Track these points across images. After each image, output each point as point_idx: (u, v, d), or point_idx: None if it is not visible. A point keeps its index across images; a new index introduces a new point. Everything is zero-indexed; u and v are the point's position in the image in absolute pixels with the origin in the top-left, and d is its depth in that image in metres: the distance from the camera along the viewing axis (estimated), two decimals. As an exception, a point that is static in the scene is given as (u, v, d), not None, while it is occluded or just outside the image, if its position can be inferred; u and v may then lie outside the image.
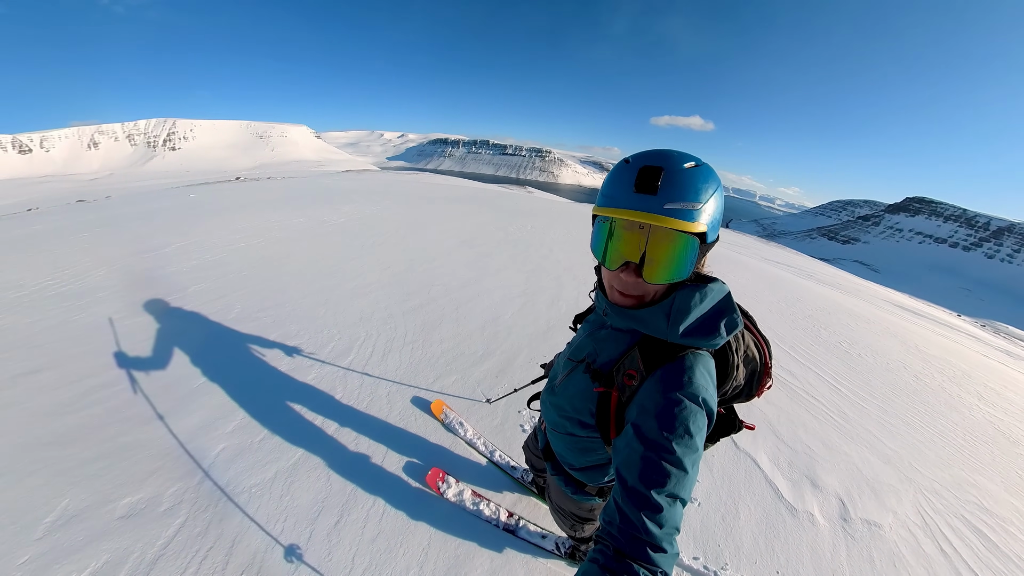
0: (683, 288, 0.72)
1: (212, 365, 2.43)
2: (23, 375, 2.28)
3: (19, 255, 4.20)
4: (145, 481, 1.70)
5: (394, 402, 2.31)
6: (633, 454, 0.64)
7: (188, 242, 4.67)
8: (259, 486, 1.73)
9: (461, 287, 4.07)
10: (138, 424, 1.97)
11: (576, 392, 0.86)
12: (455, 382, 2.57)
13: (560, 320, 3.65)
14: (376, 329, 3.04)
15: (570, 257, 5.66)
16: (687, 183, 0.65)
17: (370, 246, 5.07)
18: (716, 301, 0.72)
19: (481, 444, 2.05)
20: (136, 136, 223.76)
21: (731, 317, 0.71)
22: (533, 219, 8.24)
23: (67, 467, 1.74)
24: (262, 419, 2.06)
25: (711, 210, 0.67)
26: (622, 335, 0.80)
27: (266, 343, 2.71)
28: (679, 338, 0.70)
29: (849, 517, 2.03)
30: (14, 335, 2.70)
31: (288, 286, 3.65)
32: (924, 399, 3.72)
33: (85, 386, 2.20)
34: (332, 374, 2.47)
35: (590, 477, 0.99)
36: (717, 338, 0.70)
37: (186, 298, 3.27)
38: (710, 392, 0.68)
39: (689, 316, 0.70)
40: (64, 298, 3.23)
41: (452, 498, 1.73)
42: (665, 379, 0.69)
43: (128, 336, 2.69)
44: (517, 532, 1.64)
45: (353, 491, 1.76)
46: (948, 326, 9.91)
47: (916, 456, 2.71)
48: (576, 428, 0.89)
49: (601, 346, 0.84)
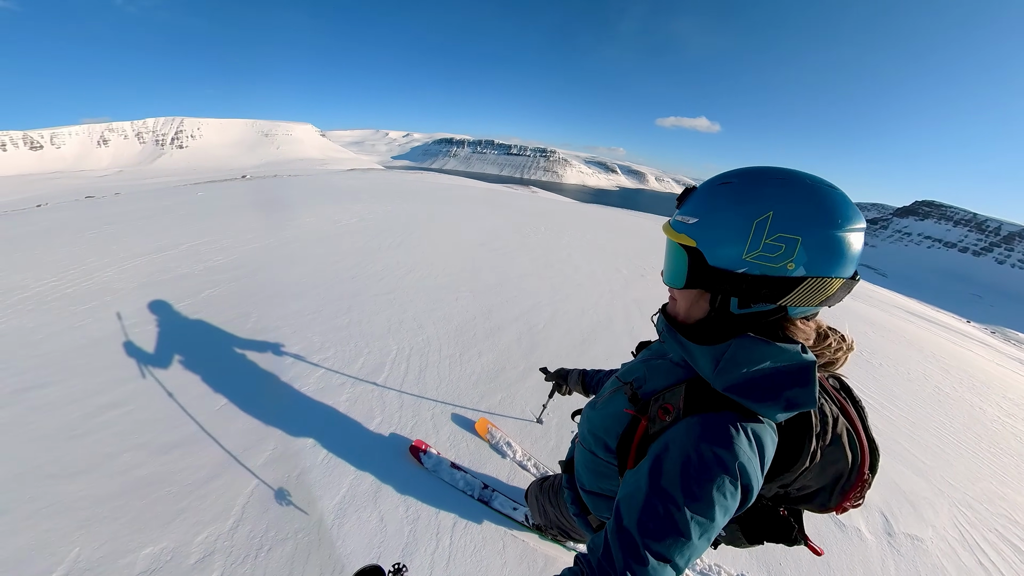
0: (743, 336, 0.64)
1: (234, 384, 2.17)
2: (24, 390, 2.04)
3: (25, 254, 4.00)
4: (168, 526, 1.44)
5: (440, 425, 2.06)
6: (638, 493, 0.59)
7: (198, 242, 4.46)
8: (305, 530, 1.48)
9: (488, 293, 3.84)
10: (154, 453, 1.72)
11: (611, 412, 0.82)
12: (502, 401, 2.32)
13: (592, 331, 3.47)
14: (408, 341, 2.79)
15: (590, 263, 5.56)
16: (699, 198, 0.67)
17: (386, 248, 4.85)
18: (782, 365, 0.61)
19: (532, 466, 1.96)
20: (145, 134, 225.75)
21: (803, 392, 0.59)
22: (544, 220, 8.15)
23: (75, 505, 1.49)
24: (297, 448, 1.80)
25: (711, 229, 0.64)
26: (676, 369, 0.75)
27: (290, 357, 2.46)
28: (722, 389, 0.62)
29: (893, 531, 2.04)
30: (16, 342, 2.47)
31: (306, 291, 3.41)
32: (947, 411, 3.73)
33: (93, 405, 1.96)
34: (367, 393, 2.21)
35: (596, 506, 0.93)
36: (774, 409, 0.59)
37: (199, 305, 3.03)
38: (753, 465, 0.57)
39: (738, 368, 0.62)
40: (70, 301, 3.00)
41: (430, 468, 1.78)
42: (702, 426, 0.61)
43: (138, 348, 2.44)
44: (491, 503, 1.69)
45: (412, 530, 1.53)
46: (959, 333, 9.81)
47: (946, 469, 2.73)
48: (599, 448, 0.84)
49: (652, 374, 0.80)
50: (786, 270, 0.59)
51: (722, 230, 0.62)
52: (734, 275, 0.62)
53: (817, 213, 0.57)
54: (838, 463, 0.67)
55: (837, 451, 0.66)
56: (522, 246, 5.82)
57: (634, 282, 5.07)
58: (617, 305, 4.15)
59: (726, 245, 0.62)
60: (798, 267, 0.58)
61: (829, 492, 0.69)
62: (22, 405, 1.95)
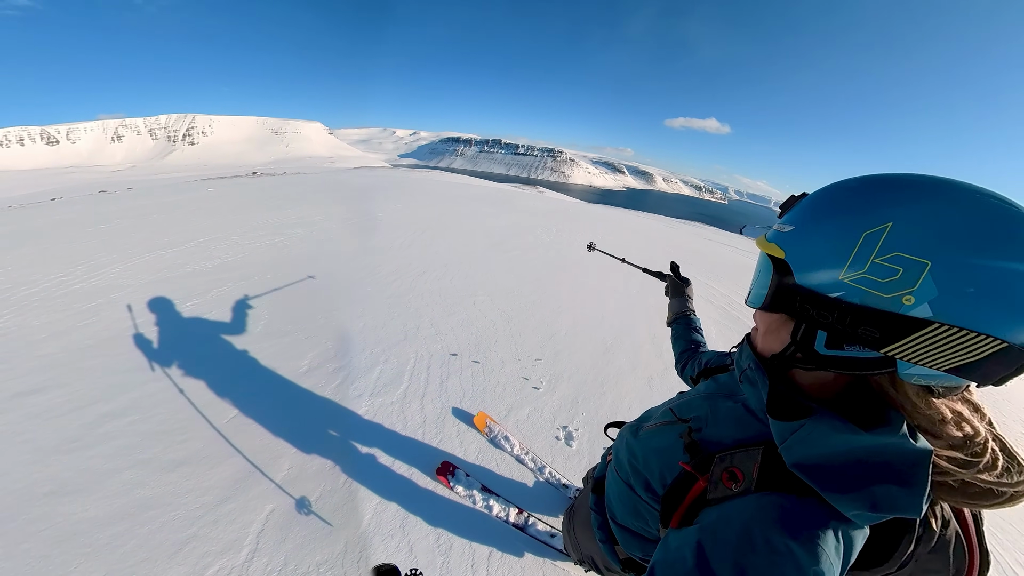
0: (822, 414, 0.49)
1: (243, 393, 2.02)
2: (24, 394, 1.92)
3: (35, 248, 3.92)
4: (175, 557, 1.30)
5: (467, 443, 1.90)
6: (680, 565, 0.48)
7: (207, 239, 4.35)
8: (328, 563, 1.32)
9: (505, 297, 3.68)
10: (159, 471, 1.57)
11: (659, 448, 0.71)
12: (530, 416, 2.15)
13: (614, 340, 3.28)
14: (426, 348, 2.63)
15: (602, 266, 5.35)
16: (804, 205, 0.54)
17: (397, 247, 4.72)
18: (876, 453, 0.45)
19: (529, 460, 1.89)
20: (157, 130, 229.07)
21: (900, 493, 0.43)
22: (554, 220, 7.98)
23: (72, 529, 1.35)
24: (315, 468, 1.65)
25: (810, 240, 0.50)
26: (750, 420, 0.60)
27: (303, 365, 2.31)
28: (790, 464, 0.49)
29: None
30: (19, 340, 2.36)
31: (317, 293, 3.27)
32: None
33: (94, 414, 1.82)
34: (387, 407, 2.04)
35: (625, 541, 0.81)
36: (849, 505, 0.44)
37: (207, 305, 2.90)
38: (834, 572, 0.44)
39: (806, 448, 0.48)
40: (76, 298, 2.89)
41: (461, 494, 1.67)
42: (782, 511, 0.47)
43: (143, 351, 2.31)
44: (526, 529, 1.59)
45: (445, 561, 1.39)
46: None
47: None
48: (639, 486, 0.73)
49: (717, 418, 0.65)
50: (900, 304, 0.41)
51: (820, 240, 0.48)
52: (825, 300, 0.47)
53: (963, 230, 0.39)
54: (935, 574, 0.52)
55: (937, 560, 0.51)
56: (534, 247, 5.67)
57: (648, 286, 4.89)
58: (637, 310, 3.97)
59: (821, 260, 0.48)
60: (920, 303, 0.40)
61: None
62: (20, 411, 1.82)
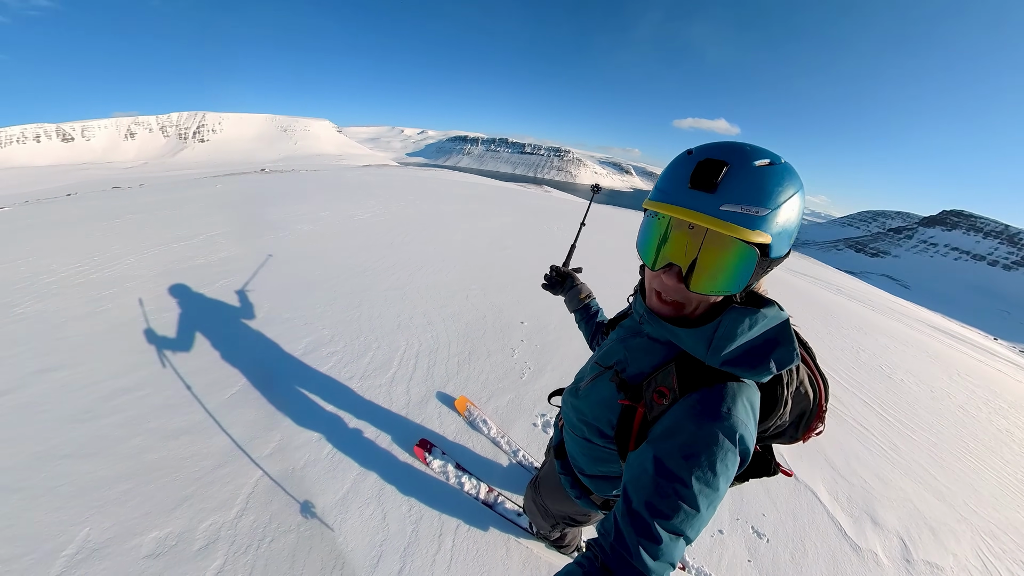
0: (731, 311, 0.63)
1: (244, 373, 2.18)
2: (43, 371, 2.09)
3: (55, 239, 4.13)
4: (174, 512, 1.45)
5: (446, 424, 2.03)
6: (645, 476, 0.59)
7: (215, 233, 4.54)
8: (307, 524, 1.47)
9: (499, 292, 3.80)
10: (164, 438, 1.74)
11: (599, 400, 0.80)
12: (510, 402, 2.28)
13: None
14: (417, 338, 2.77)
15: (603, 263, 5.51)
16: (754, 183, 0.57)
17: (399, 244, 4.86)
18: (768, 328, 0.63)
19: (505, 443, 1.99)
20: (169, 128, 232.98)
21: (785, 350, 0.62)
22: (557, 220, 8.09)
23: (86, 486, 1.52)
24: (303, 440, 1.80)
25: (781, 219, 0.58)
26: (657, 346, 0.73)
27: (300, 349, 2.47)
28: (719, 366, 0.63)
29: (912, 558, 1.98)
30: (41, 324, 2.55)
31: (317, 284, 3.43)
32: (972, 432, 3.57)
33: (107, 389, 1.99)
34: (375, 388, 2.20)
35: (598, 487, 0.93)
36: (764, 372, 0.61)
37: (214, 294, 3.08)
38: (749, 429, 0.60)
39: (733, 343, 0.62)
40: (92, 286, 3.08)
41: (436, 470, 1.77)
42: (700, 405, 0.61)
43: (154, 335, 2.49)
44: (495, 507, 1.67)
45: (415, 530, 1.51)
46: (986, 351, 9.34)
47: (970, 494, 2.61)
48: (594, 436, 0.83)
49: (633, 355, 0.76)
50: None
51: (786, 218, 0.59)
52: (777, 260, 0.63)
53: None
54: (802, 402, 0.72)
55: (801, 392, 0.72)
56: (534, 245, 5.78)
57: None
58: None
59: (788, 235, 0.61)
60: None
61: (795, 427, 0.74)
62: (42, 386, 2.00)
